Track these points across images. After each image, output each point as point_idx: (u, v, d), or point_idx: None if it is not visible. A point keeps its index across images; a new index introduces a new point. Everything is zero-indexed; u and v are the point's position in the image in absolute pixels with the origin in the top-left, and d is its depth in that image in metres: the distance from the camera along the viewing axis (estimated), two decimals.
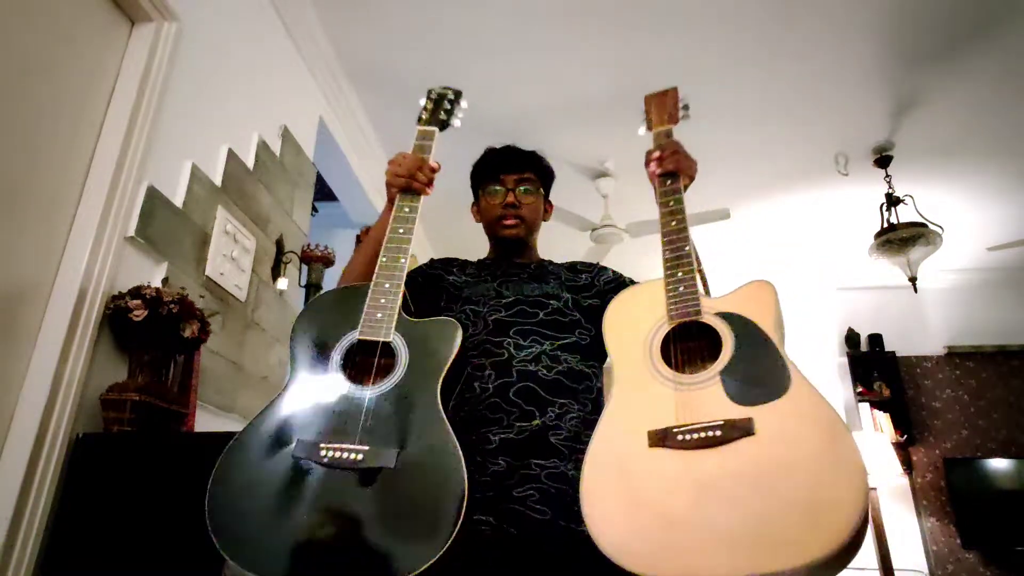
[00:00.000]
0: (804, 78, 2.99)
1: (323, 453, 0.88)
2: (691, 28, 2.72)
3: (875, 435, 4.24)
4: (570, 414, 1.17)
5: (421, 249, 4.52)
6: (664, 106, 1.31)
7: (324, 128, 2.98)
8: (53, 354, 1.46)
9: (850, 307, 4.98)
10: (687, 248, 1.09)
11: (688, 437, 0.89)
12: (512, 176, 1.40)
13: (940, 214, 3.81)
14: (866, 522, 0.78)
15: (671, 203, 1.16)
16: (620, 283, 1.36)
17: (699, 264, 1.10)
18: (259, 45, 2.43)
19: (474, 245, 1.58)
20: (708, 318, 1.01)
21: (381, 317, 1.01)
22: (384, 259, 1.10)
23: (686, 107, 1.30)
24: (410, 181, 1.17)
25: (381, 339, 0.99)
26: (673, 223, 1.13)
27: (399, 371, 0.95)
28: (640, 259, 4.14)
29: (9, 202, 1.44)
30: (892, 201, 3.52)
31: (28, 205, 1.48)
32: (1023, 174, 3.73)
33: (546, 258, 1.48)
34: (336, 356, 0.98)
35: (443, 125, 1.28)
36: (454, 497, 0.84)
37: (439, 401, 0.93)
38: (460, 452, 0.87)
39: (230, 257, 2.10)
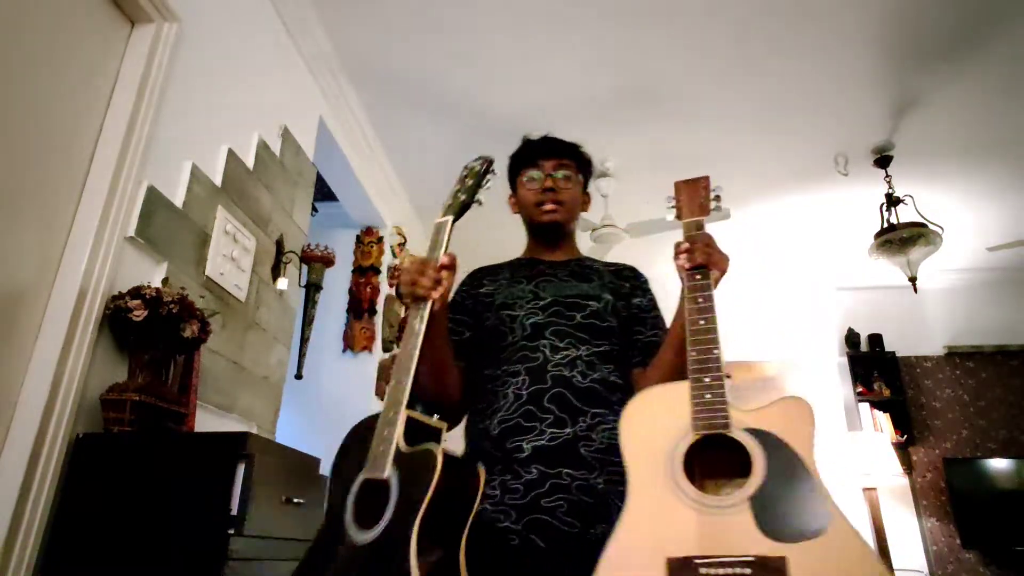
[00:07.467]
0: (804, 78, 2.99)
1: None
2: (691, 28, 2.71)
3: (875, 435, 4.25)
4: (603, 425, 1.16)
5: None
6: (695, 195, 1.24)
7: (324, 128, 2.98)
8: (53, 354, 1.46)
9: (850, 307, 4.98)
10: (716, 352, 1.01)
11: (712, 572, 0.82)
12: (550, 161, 1.38)
13: (940, 214, 3.81)
14: None
15: (699, 299, 1.07)
16: (656, 314, 1.33)
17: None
18: (259, 45, 2.43)
19: (483, 247, 1.54)
20: (736, 433, 0.94)
21: (383, 451, 0.98)
22: (392, 383, 1.03)
23: (718, 197, 1.24)
24: (414, 288, 1.08)
25: (379, 477, 0.97)
26: (702, 322, 1.05)
27: (388, 513, 0.93)
28: (640, 260, 4.14)
29: (9, 202, 1.44)
30: (892, 201, 3.52)
31: (28, 205, 1.49)
32: (1023, 174, 3.73)
33: (588, 256, 1.45)
34: (351, 496, 0.98)
35: (462, 209, 1.18)
36: None
37: (412, 551, 0.87)
38: None
39: (230, 257, 2.10)
